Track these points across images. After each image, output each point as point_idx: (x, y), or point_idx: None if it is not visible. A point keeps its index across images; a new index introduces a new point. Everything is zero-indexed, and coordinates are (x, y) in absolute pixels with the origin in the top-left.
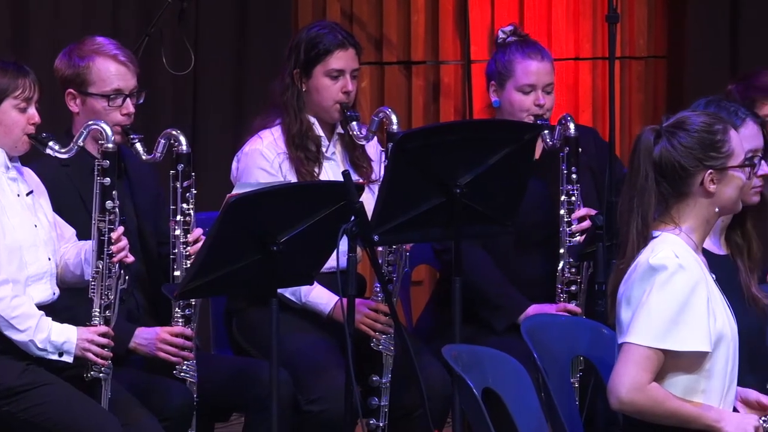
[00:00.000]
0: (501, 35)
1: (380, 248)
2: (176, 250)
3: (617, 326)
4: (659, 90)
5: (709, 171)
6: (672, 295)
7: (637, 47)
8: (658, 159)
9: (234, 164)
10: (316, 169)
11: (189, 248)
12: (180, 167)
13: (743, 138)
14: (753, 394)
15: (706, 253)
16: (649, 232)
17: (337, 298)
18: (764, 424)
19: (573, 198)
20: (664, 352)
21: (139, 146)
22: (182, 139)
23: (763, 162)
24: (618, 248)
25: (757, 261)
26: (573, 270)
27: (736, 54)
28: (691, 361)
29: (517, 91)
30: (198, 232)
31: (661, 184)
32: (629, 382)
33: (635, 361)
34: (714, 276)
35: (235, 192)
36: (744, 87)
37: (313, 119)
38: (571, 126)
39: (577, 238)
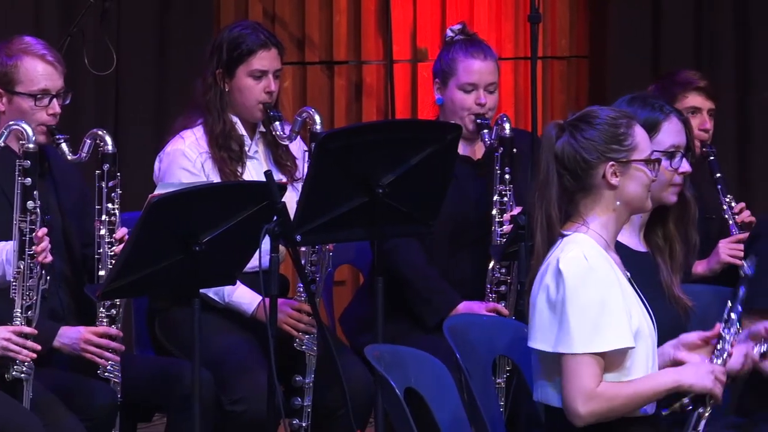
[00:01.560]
0: (449, 33)
1: (303, 248)
2: (101, 250)
3: (529, 328)
4: (581, 90)
5: (611, 163)
6: (587, 299)
7: (559, 47)
8: (560, 152)
9: (156, 164)
10: (239, 169)
11: (114, 248)
12: (105, 167)
13: (667, 133)
14: (692, 336)
15: (626, 250)
16: (555, 229)
17: (260, 298)
18: (717, 360)
19: (505, 198)
20: (598, 354)
21: (64, 146)
22: (108, 139)
23: (684, 159)
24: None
25: (680, 263)
26: (503, 270)
27: (657, 54)
28: (613, 360)
29: (459, 90)
30: (123, 231)
31: (564, 177)
32: (580, 396)
33: (576, 373)
34: (628, 274)
35: (157, 192)
36: (664, 84)
37: (235, 119)
38: (507, 126)
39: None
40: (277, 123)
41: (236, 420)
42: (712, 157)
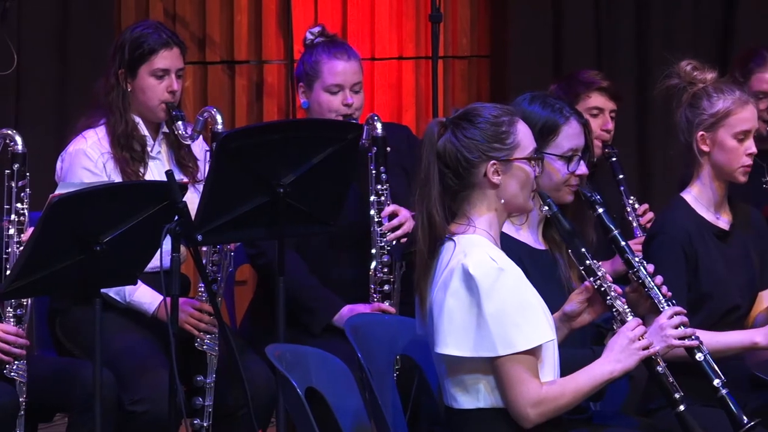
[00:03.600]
0: (309, 36)
1: (205, 248)
2: (10, 250)
3: (435, 333)
4: (482, 89)
5: (492, 162)
6: (505, 300)
7: (460, 47)
8: (442, 150)
9: (58, 164)
10: (142, 169)
11: (23, 247)
12: (15, 167)
13: (566, 137)
14: (572, 305)
15: (525, 247)
16: (437, 227)
17: (161, 297)
18: (618, 318)
19: (383, 198)
20: (529, 353)
21: None
22: (18, 138)
23: (581, 162)
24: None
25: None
26: (386, 270)
27: (559, 53)
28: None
29: (325, 92)
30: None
31: (446, 175)
32: (528, 402)
33: (518, 378)
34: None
35: (58, 192)
36: (567, 83)
37: (138, 119)
38: (378, 125)
39: (390, 235)
40: (180, 122)
41: (137, 420)
42: (614, 158)
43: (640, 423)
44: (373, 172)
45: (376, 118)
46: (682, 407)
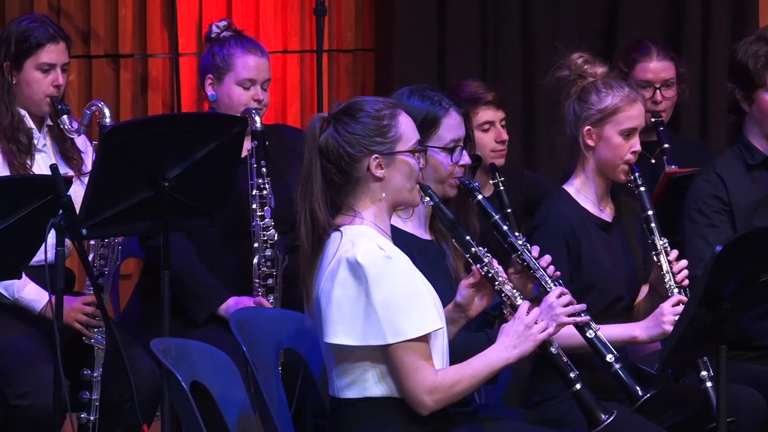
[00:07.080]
0: (215, 30)
1: (93, 242)
2: None
3: (323, 323)
4: (367, 83)
5: (375, 156)
6: (393, 288)
7: (344, 40)
8: (324, 146)
9: None
10: (29, 161)
11: None
12: None
13: (447, 129)
14: (463, 293)
15: (412, 238)
16: (319, 223)
17: (47, 295)
18: (508, 303)
19: (265, 192)
20: (421, 340)
21: None
22: None
23: (464, 152)
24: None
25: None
26: (268, 264)
27: (443, 47)
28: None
29: (237, 86)
30: None
31: (329, 171)
32: (424, 389)
33: (412, 366)
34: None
35: None
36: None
37: (23, 112)
38: (257, 119)
39: (271, 231)
40: (65, 117)
41: (22, 414)
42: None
43: (525, 415)
44: (254, 166)
45: (253, 112)
46: (578, 386)
